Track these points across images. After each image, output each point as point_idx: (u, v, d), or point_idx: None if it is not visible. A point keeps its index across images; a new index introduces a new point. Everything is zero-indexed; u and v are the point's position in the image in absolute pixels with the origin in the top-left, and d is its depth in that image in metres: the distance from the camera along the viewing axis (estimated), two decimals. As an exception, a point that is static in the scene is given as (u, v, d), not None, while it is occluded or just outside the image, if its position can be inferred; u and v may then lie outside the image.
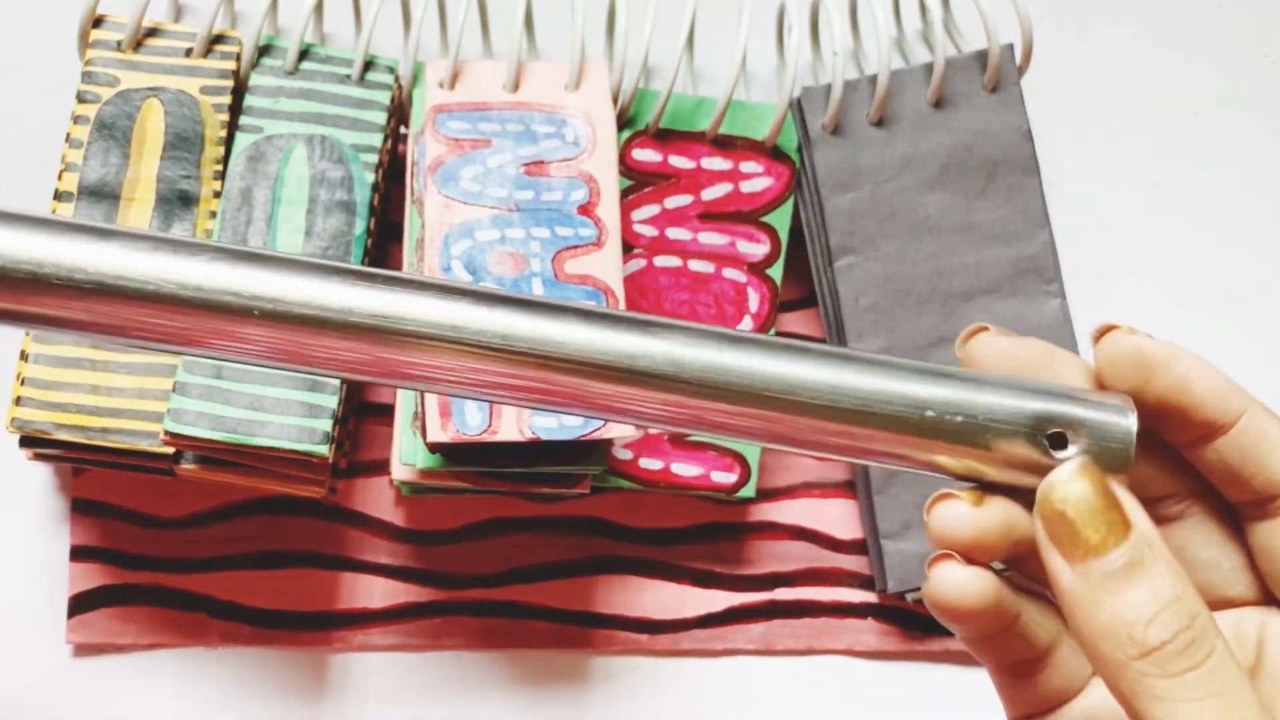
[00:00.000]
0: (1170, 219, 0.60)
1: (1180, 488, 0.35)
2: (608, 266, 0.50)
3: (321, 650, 0.54)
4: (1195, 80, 0.62)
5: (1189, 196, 0.61)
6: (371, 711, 0.54)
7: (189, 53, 0.52)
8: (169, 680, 0.53)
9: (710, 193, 0.55)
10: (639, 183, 0.54)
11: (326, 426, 0.47)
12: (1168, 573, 0.30)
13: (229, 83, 0.52)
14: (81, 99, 0.51)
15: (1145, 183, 0.61)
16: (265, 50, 0.52)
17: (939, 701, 0.56)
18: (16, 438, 0.49)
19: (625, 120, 0.54)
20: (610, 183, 0.52)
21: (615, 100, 0.54)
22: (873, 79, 0.54)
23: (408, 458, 0.50)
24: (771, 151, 0.55)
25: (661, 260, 0.54)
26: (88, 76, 0.51)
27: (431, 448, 0.48)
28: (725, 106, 0.54)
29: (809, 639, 0.55)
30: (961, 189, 0.54)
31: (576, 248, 0.50)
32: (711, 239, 0.54)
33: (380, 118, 0.52)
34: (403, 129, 0.55)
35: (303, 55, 0.52)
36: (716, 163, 0.55)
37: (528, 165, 0.51)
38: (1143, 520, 0.31)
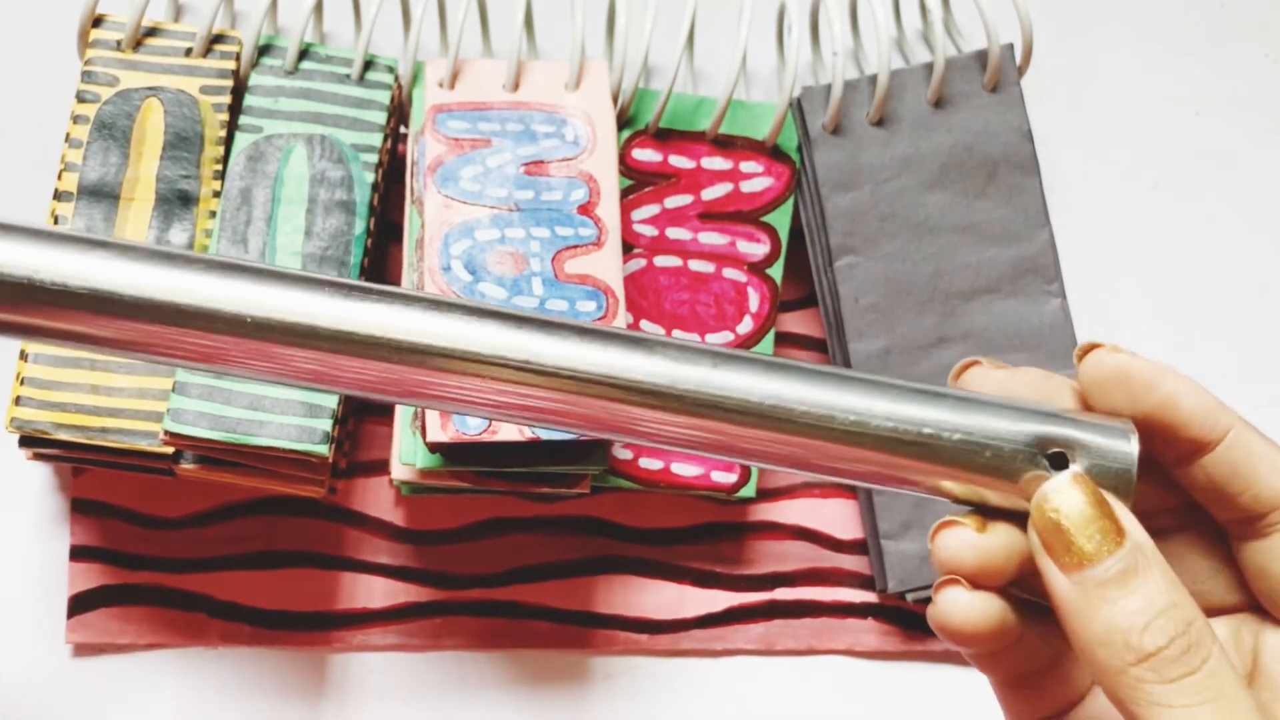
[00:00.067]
0: (1170, 219, 0.60)
1: (1171, 504, 0.35)
2: (608, 266, 0.50)
3: (321, 650, 0.54)
4: (1196, 80, 0.62)
5: (1189, 196, 0.61)
6: (371, 711, 0.54)
7: (189, 52, 0.52)
8: (169, 680, 0.53)
9: (710, 192, 0.54)
10: (639, 182, 0.54)
11: (326, 426, 0.47)
12: (1162, 580, 0.30)
13: (229, 82, 0.52)
14: (81, 98, 0.51)
15: (1145, 183, 0.61)
16: (265, 50, 0.52)
17: (939, 702, 0.56)
18: (16, 437, 0.49)
19: (625, 120, 0.54)
20: (610, 182, 0.52)
21: (615, 100, 0.54)
22: (873, 79, 0.54)
23: (408, 458, 0.50)
24: (772, 151, 0.55)
25: (661, 260, 0.54)
26: (87, 76, 0.51)
27: (431, 448, 0.48)
28: (725, 106, 0.54)
29: (809, 639, 0.55)
30: (962, 189, 0.54)
31: (576, 247, 0.50)
32: (711, 239, 0.54)
33: (380, 117, 0.52)
34: (402, 129, 0.55)
35: (302, 55, 0.52)
36: (716, 162, 0.55)
37: (527, 165, 0.51)
38: (1136, 528, 0.31)
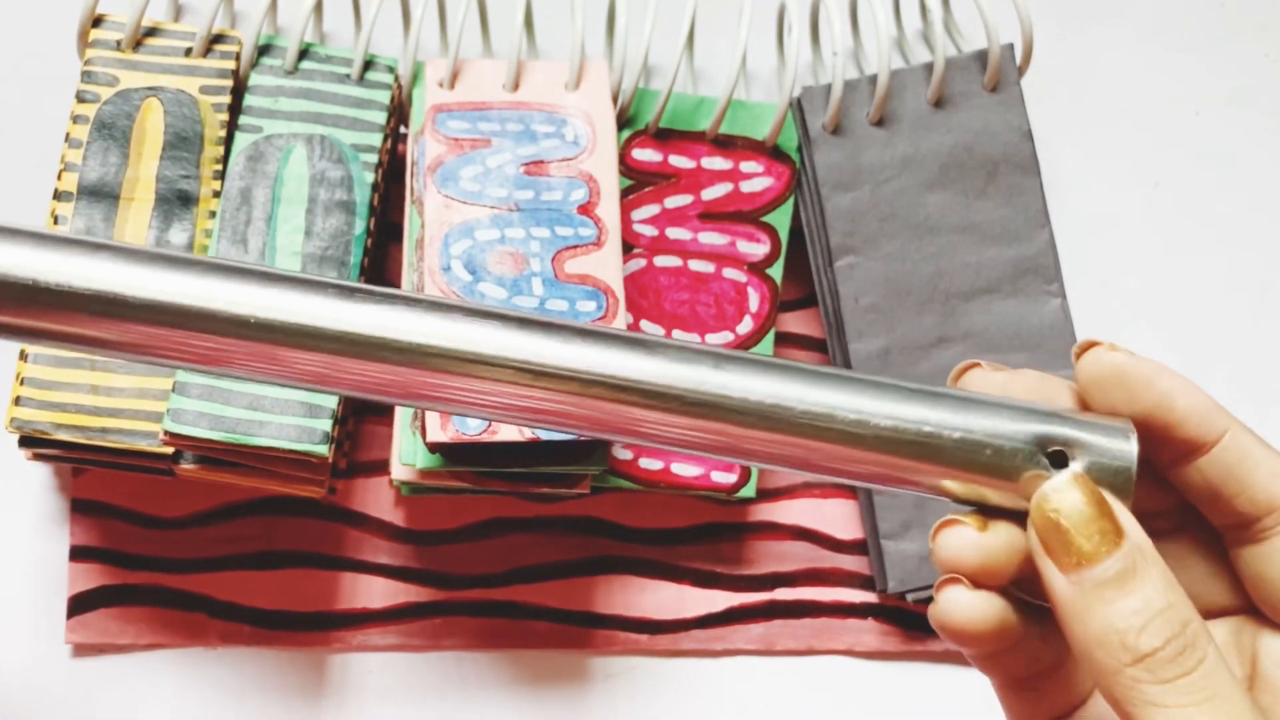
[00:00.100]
0: (1170, 219, 0.60)
1: (1169, 505, 0.35)
2: (608, 266, 0.50)
3: (321, 650, 0.54)
4: (1196, 80, 0.62)
5: (1189, 196, 0.61)
6: (371, 711, 0.54)
7: (188, 52, 0.52)
8: (168, 680, 0.53)
9: (710, 192, 0.54)
10: (639, 182, 0.54)
11: (326, 426, 0.47)
12: (1160, 580, 0.31)
13: (228, 82, 0.52)
14: (81, 98, 0.51)
15: (1146, 182, 0.61)
16: (265, 50, 0.52)
17: (939, 702, 0.56)
18: (16, 437, 0.49)
19: (625, 120, 0.54)
20: (610, 182, 0.52)
21: (615, 100, 0.54)
22: (873, 79, 0.54)
23: (407, 458, 0.50)
24: (772, 151, 0.55)
25: (661, 260, 0.54)
26: (87, 76, 0.51)
27: (431, 448, 0.48)
28: (725, 106, 0.54)
29: (809, 639, 0.55)
30: (962, 189, 0.54)
31: (576, 247, 0.50)
32: (711, 239, 0.54)
33: (380, 117, 0.52)
34: (402, 128, 0.55)
35: (302, 55, 0.52)
36: (717, 162, 0.55)
37: (527, 165, 0.51)
38: (1135, 529, 0.31)
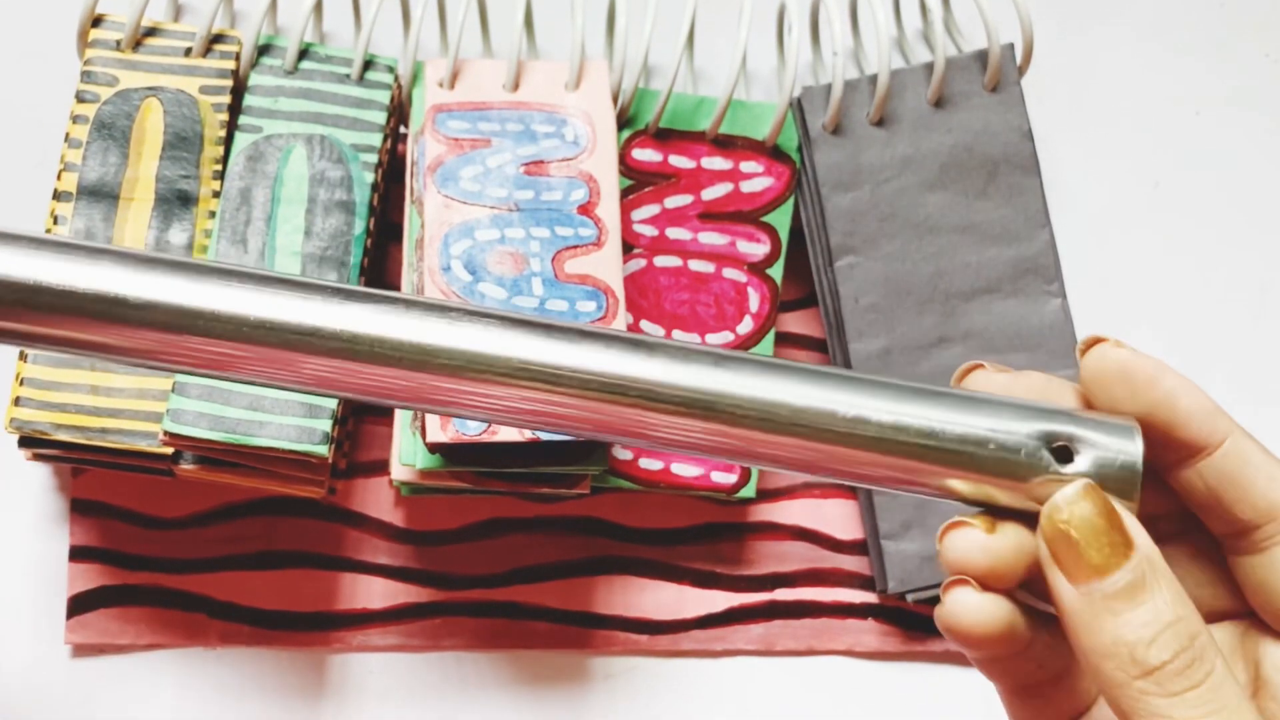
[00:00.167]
0: (1170, 219, 0.60)
1: (1170, 509, 0.35)
2: (608, 266, 0.50)
3: (321, 651, 0.54)
4: (1196, 80, 0.62)
5: (1189, 196, 0.61)
6: (371, 712, 0.54)
7: (188, 52, 0.52)
8: (168, 681, 0.53)
9: (710, 192, 0.54)
10: (639, 182, 0.54)
11: (326, 427, 0.47)
12: (1169, 593, 0.31)
13: (228, 82, 0.52)
14: (80, 98, 0.51)
15: (1146, 182, 0.61)
16: (264, 50, 0.52)
17: (939, 702, 0.55)
18: (15, 438, 0.49)
19: (625, 120, 0.54)
20: (610, 182, 0.52)
21: (615, 100, 0.54)
22: (873, 79, 0.54)
23: (407, 458, 0.50)
24: (772, 151, 0.55)
25: (661, 260, 0.54)
26: (87, 76, 0.51)
27: (431, 448, 0.48)
28: (725, 106, 0.54)
29: (809, 639, 0.55)
30: (962, 189, 0.54)
31: (576, 247, 0.50)
32: (712, 239, 0.54)
33: (380, 117, 0.52)
34: (402, 128, 0.55)
35: (302, 55, 0.52)
36: (717, 162, 0.55)
37: (527, 165, 0.51)
38: (1145, 541, 0.31)
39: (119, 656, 0.53)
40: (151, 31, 0.52)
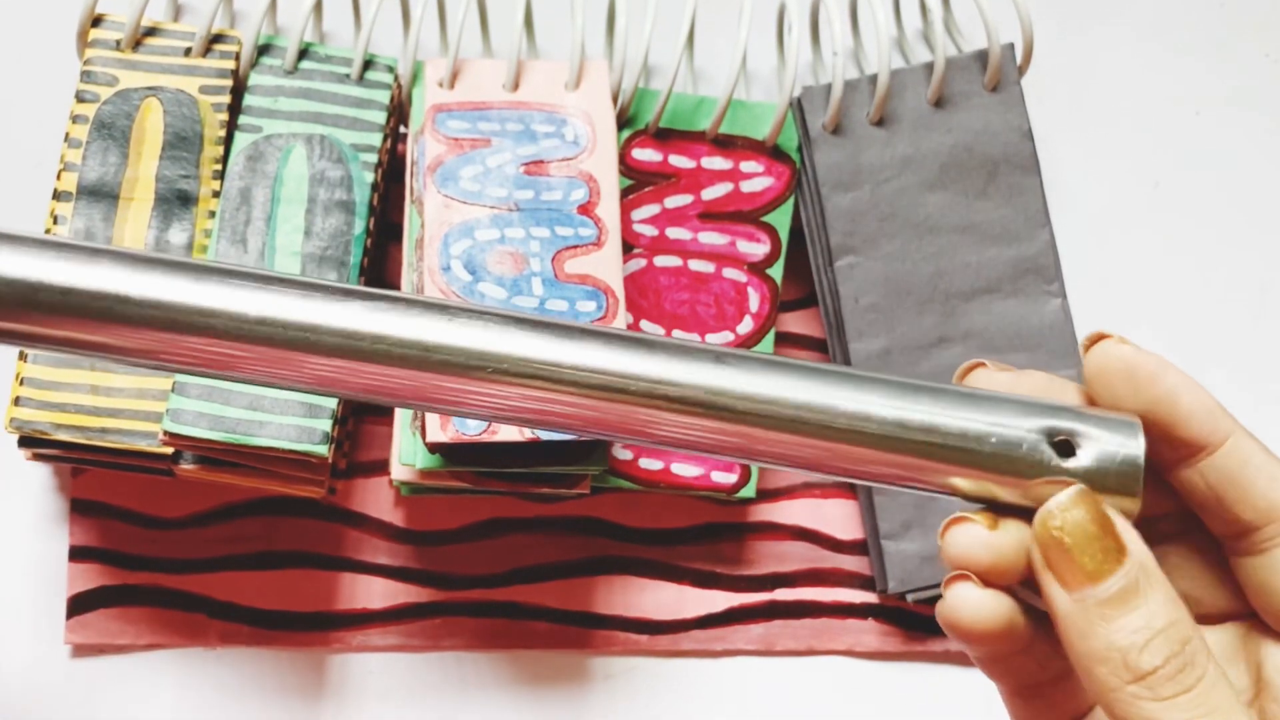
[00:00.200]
0: (1170, 219, 0.60)
1: (1172, 509, 0.35)
2: (608, 266, 0.50)
3: (321, 651, 0.54)
4: (1196, 80, 0.61)
5: (1189, 196, 0.61)
6: (371, 712, 0.54)
7: (188, 52, 0.52)
8: (168, 681, 0.53)
9: (710, 192, 0.54)
10: (639, 182, 0.54)
11: (326, 426, 0.47)
12: (1162, 599, 0.31)
13: (228, 82, 0.52)
14: (80, 98, 0.51)
15: (1146, 182, 0.61)
16: (264, 49, 0.52)
17: (939, 702, 0.55)
18: (15, 438, 0.49)
19: (625, 120, 0.54)
20: (610, 182, 0.52)
21: (615, 99, 0.54)
22: (873, 78, 0.54)
23: (407, 458, 0.50)
24: (772, 151, 0.55)
25: (661, 260, 0.54)
26: (86, 76, 0.51)
27: (431, 448, 0.48)
28: (725, 106, 0.54)
29: (809, 639, 0.55)
30: (962, 189, 0.54)
31: (576, 247, 0.50)
32: (712, 239, 0.54)
33: (379, 117, 0.52)
34: (402, 128, 0.55)
35: (302, 54, 0.52)
36: (717, 162, 0.55)
37: (527, 165, 0.51)
38: (1138, 547, 0.31)
39: (119, 656, 0.53)
40: (151, 31, 0.52)
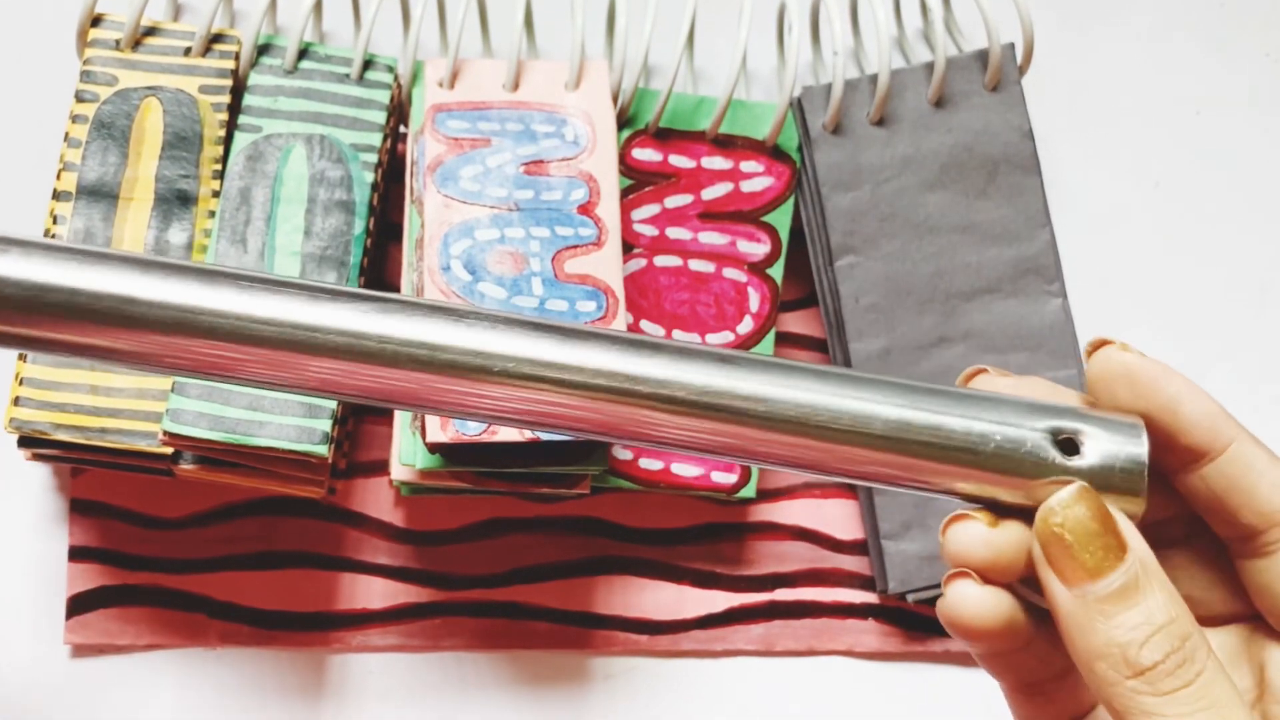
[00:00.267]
0: (1171, 219, 0.60)
1: (1178, 513, 0.35)
2: (608, 266, 0.50)
3: (320, 651, 0.54)
4: (1197, 79, 0.61)
5: (1190, 196, 0.60)
6: (371, 712, 0.54)
7: (188, 52, 0.52)
8: (168, 681, 0.53)
9: (710, 192, 0.54)
10: (639, 182, 0.54)
11: (326, 427, 0.47)
12: (1162, 595, 0.31)
13: (228, 82, 0.52)
14: (80, 98, 0.51)
15: (1146, 182, 0.61)
16: (264, 49, 0.52)
17: (939, 703, 0.55)
18: (15, 438, 0.49)
19: (625, 119, 0.54)
20: (610, 182, 0.52)
21: (615, 99, 0.54)
22: (873, 78, 0.54)
23: (407, 458, 0.50)
24: (772, 151, 0.55)
25: (662, 260, 0.54)
26: (86, 75, 0.51)
27: (431, 448, 0.48)
28: (725, 106, 0.53)
29: (809, 640, 0.55)
30: (962, 188, 0.54)
31: (576, 247, 0.50)
32: (712, 238, 0.54)
33: (379, 117, 0.52)
34: (402, 128, 0.55)
35: (302, 54, 0.52)
36: (717, 162, 0.55)
37: (527, 164, 0.51)
38: (1139, 544, 0.31)
39: (119, 656, 0.53)
40: (151, 31, 0.52)
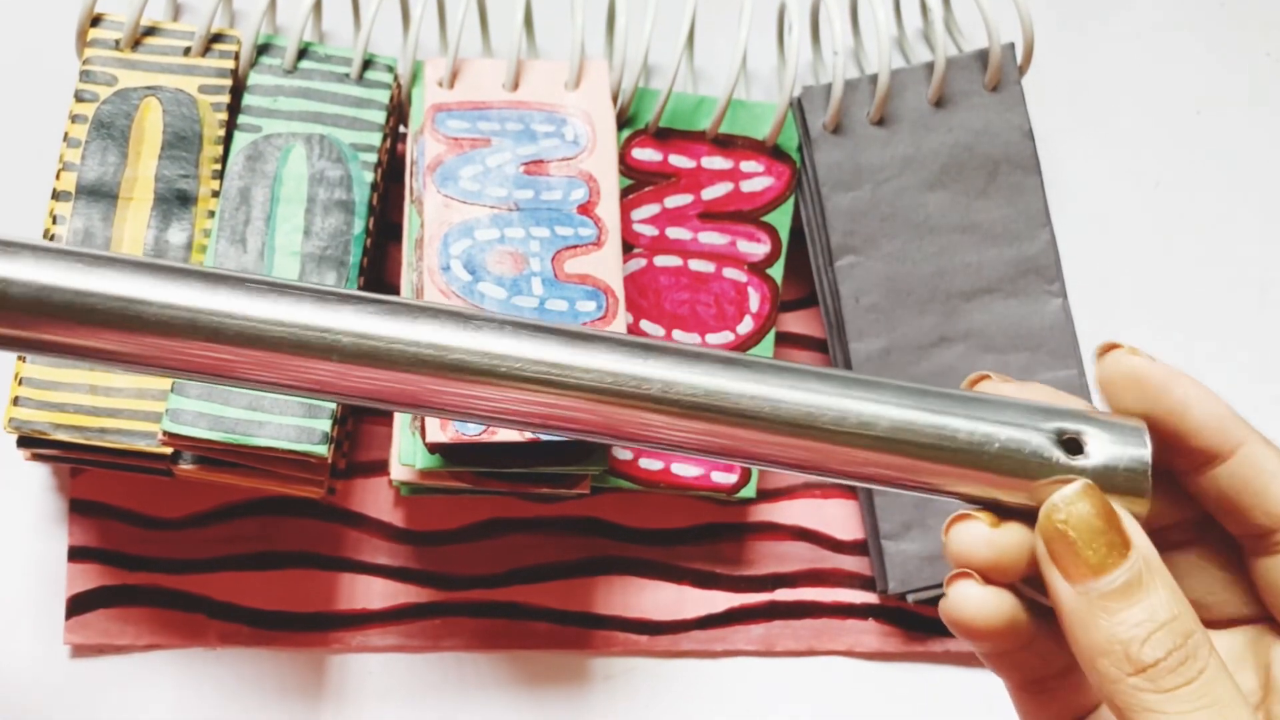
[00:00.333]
0: (1171, 219, 0.60)
1: (1188, 515, 0.35)
2: (608, 266, 0.50)
3: (320, 651, 0.54)
4: (1197, 79, 0.61)
5: (1190, 196, 0.60)
6: (371, 712, 0.54)
7: (187, 51, 0.52)
8: (167, 681, 0.53)
9: (710, 192, 0.54)
10: (639, 182, 0.54)
11: (325, 426, 0.47)
12: (1165, 593, 0.31)
13: (227, 81, 0.52)
14: (79, 98, 0.51)
15: (1147, 182, 0.61)
16: (264, 49, 0.52)
17: (940, 703, 0.55)
18: (14, 438, 0.49)
19: (625, 119, 0.54)
20: (610, 182, 0.52)
21: (615, 99, 0.54)
22: (873, 78, 0.54)
23: (407, 458, 0.49)
24: (772, 151, 0.55)
25: (661, 260, 0.54)
26: (86, 75, 0.51)
27: (431, 448, 0.48)
28: (725, 106, 0.53)
29: (810, 640, 0.55)
30: (962, 188, 0.54)
31: (576, 247, 0.50)
32: (712, 238, 0.54)
33: (379, 116, 0.52)
34: (402, 128, 0.55)
35: (301, 54, 0.52)
36: (717, 162, 0.54)
37: (527, 164, 0.51)
38: (1142, 541, 0.31)
39: (118, 657, 0.53)
40: (150, 31, 0.52)
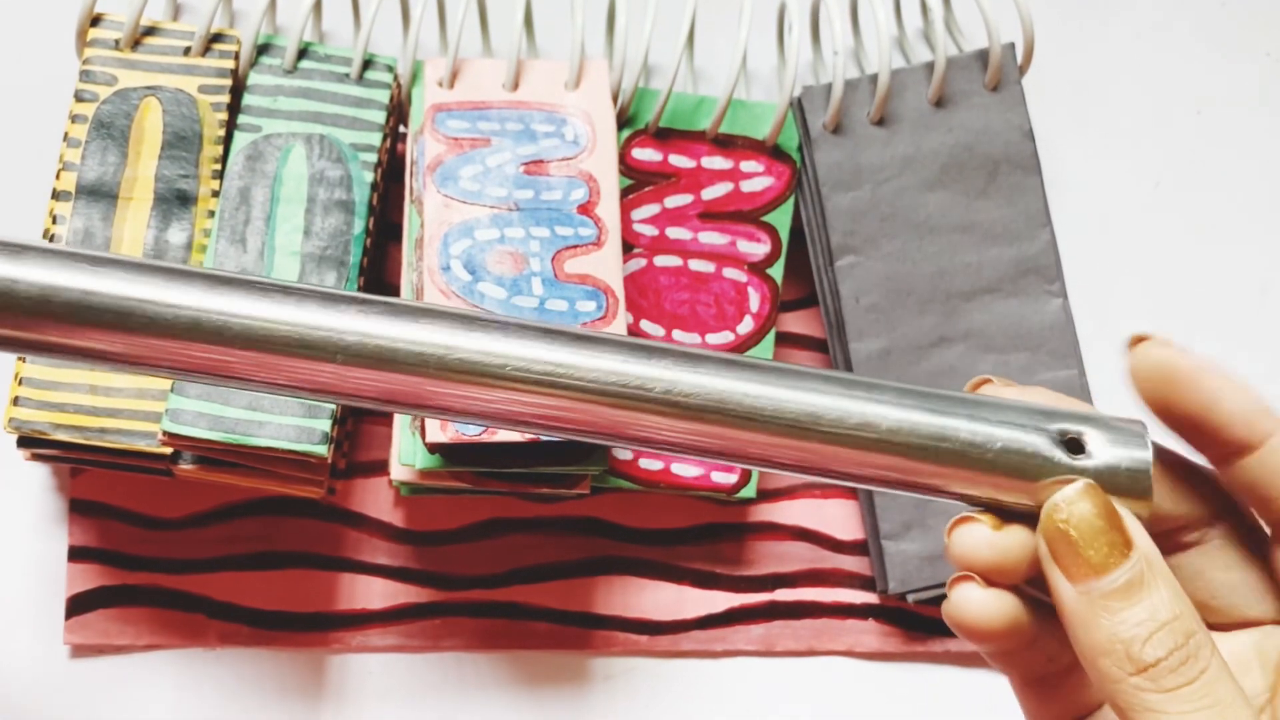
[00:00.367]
0: (1172, 218, 0.60)
1: (1198, 515, 0.35)
2: (608, 266, 0.50)
3: (320, 651, 0.54)
4: (1197, 79, 0.61)
5: (1190, 196, 0.60)
6: (371, 712, 0.54)
7: (187, 51, 0.52)
8: (167, 681, 0.53)
9: (710, 192, 0.54)
10: (639, 182, 0.54)
11: (325, 426, 0.47)
12: (1166, 592, 0.31)
13: (227, 81, 0.52)
14: (79, 98, 0.51)
15: (1147, 182, 0.61)
16: (264, 49, 0.52)
17: (940, 703, 0.55)
18: (14, 438, 0.49)
19: (625, 119, 0.54)
20: (610, 182, 0.52)
21: (615, 99, 0.54)
22: (874, 78, 0.54)
23: (407, 458, 0.49)
24: (772, 151, 0.55)
25: (661, 260, 0.54)
26: (85, 75, 0.51)
27: (431, 448, 0.48)
28: (725, 105, 0.53)
29: (810, 640, 0.55)
30: (963, 188, 0.54)
31: (576, 247, 0.50)
32: (712, 238, 0.54)
33: (379, 116, 0.52)
34: (401, 128, 0.55)
35: (301, 54, 0.52)
36: (717, 162, 0.54)
37: (527, 164, 0.51)
38: (1144, 540, 0.31)
39: (118, 657, 0.53)
40: (150, 31, 0.52)
